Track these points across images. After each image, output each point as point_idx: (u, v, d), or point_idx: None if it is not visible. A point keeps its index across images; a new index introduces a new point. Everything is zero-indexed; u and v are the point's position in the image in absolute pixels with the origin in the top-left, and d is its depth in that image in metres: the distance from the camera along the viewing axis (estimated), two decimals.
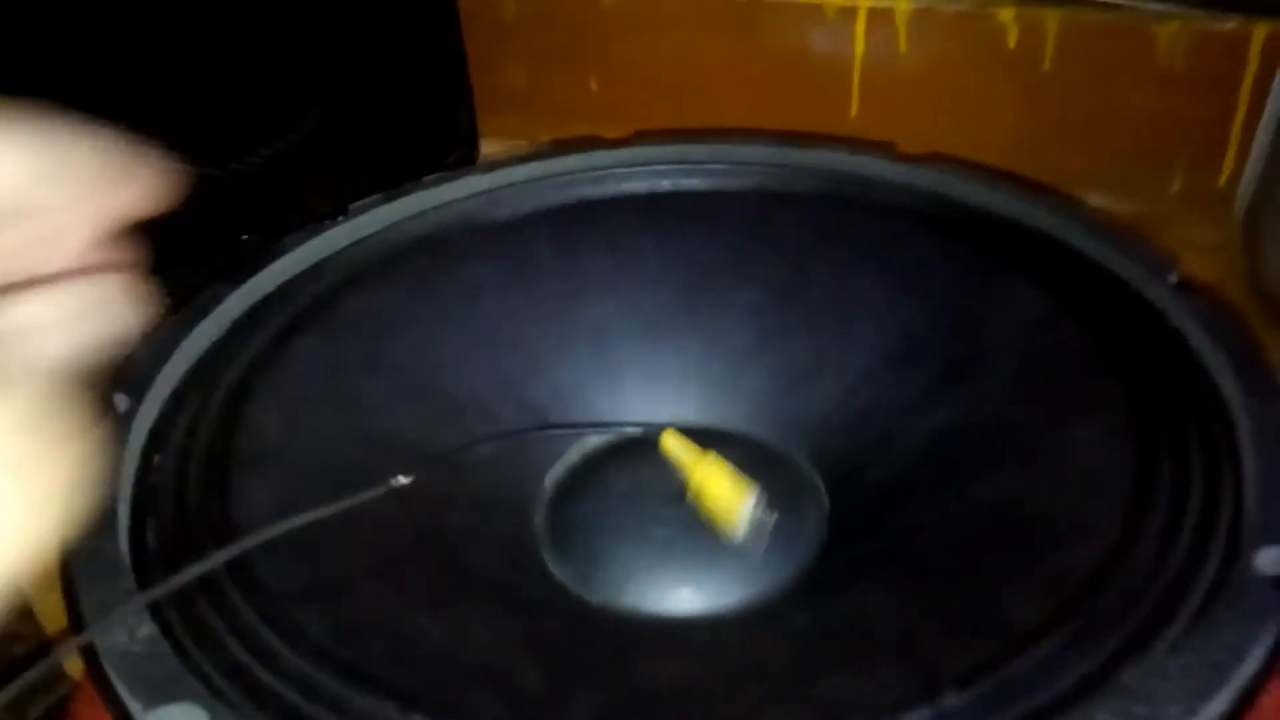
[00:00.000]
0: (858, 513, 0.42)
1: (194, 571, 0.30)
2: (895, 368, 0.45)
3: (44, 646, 0.44)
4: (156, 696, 0.27)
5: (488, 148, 0.82)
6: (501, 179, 0.55)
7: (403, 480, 0.36)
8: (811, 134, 0.58)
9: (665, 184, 0.54)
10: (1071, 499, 0.34)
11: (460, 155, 0.81)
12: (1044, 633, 0.28)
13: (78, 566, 0.31)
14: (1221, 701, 0.27)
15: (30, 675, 0.29)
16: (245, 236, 0.65)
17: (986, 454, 0.39)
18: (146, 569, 0.32)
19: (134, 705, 0.27)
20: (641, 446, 0.47)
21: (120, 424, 0.36)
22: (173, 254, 0.61)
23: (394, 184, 0.54)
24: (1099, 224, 0.46)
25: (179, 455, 0.36)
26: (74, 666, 0.46)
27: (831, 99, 0.78)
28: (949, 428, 0.41)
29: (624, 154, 0.56)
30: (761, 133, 0.56)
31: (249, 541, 0.31)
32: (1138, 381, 0.37)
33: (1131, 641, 0.28)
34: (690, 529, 0.42)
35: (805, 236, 0.51)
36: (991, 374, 0.41)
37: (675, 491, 0.44)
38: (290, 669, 0.28)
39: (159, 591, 0.30)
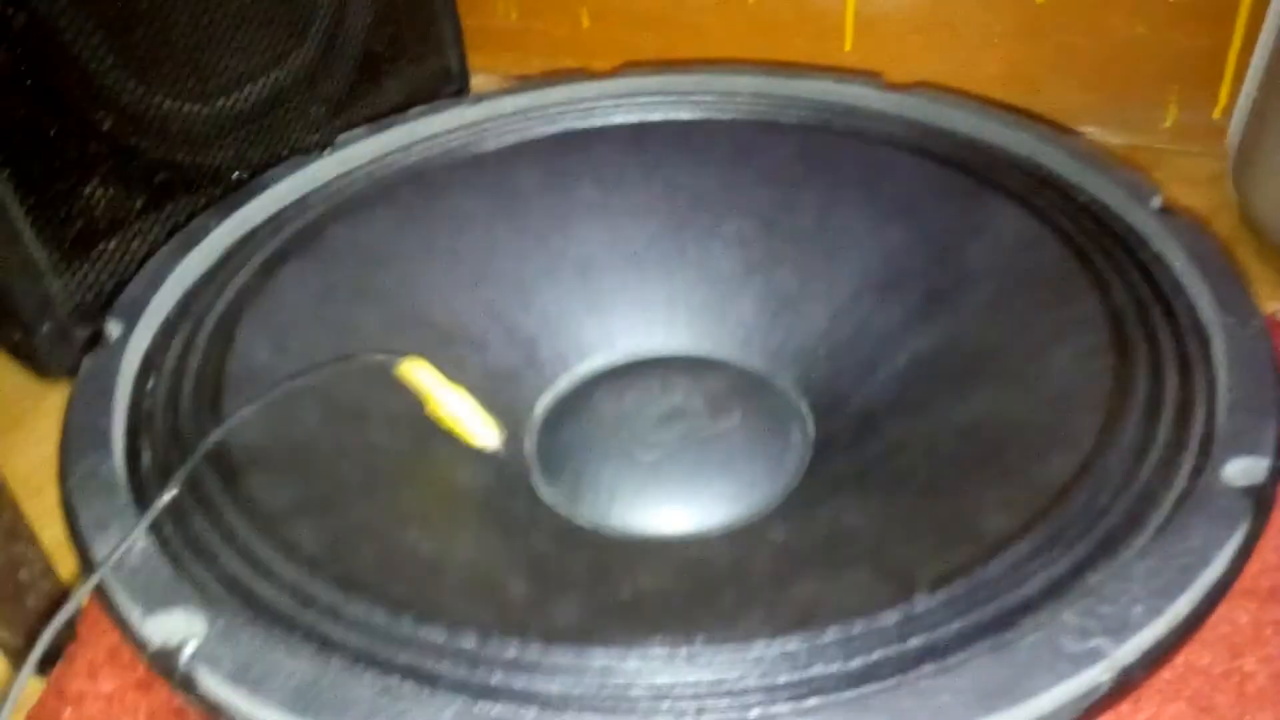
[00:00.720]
0: (841, 436, 0.42)
1: (181, 474, 0.31)
2: (879, 294, 0.45)
3: (54, 579, 0.45)
4: (155, 604, 0.28)
5: (478, 85, 0.81)
6: (488, 111, 0.54)
7: (379, 358, 0.37)
8: (799, 65, 0.58)
9: (653, 115, 0.54)
10: (1047, 416, 0.35)
11: (451, 93, 0.81)
12: (1014, 539, 0.29)
13: (75, 486, 0.32)
14: (1185, 602, 0.27)
15: (58, 622, 0.29)
16: (236, 175, 0.64)
17: (967, 376, 0.39)
18: (141, 487, 0.33)
19: (133, 612, 0.28)
20: (629, 373, 0.47)
21: (114, 350, 0.37)
22: (165, 191, 0.62)
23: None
24: (1082, 151, 0.46)
25: (172, 380, 0.37)
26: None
27: (825, 34, 0.78)
28: (931, 352, 0.42)
29: (611, 86, 0.55)
30: (748, 64, 0.56)
31: (232, 422, 0.32)
32: (1117, 302, 0.38)
33: (1101, 547, 0.29)
34: (676, 453, 0.43)
35: (792, 166, 0.51)
36: (973, 298, 0.42)
37: (662, 417, 0.44)
38: (285, 579, 0.29)
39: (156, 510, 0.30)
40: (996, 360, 0.39)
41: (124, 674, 0.43)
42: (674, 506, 0.41)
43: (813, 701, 0.25)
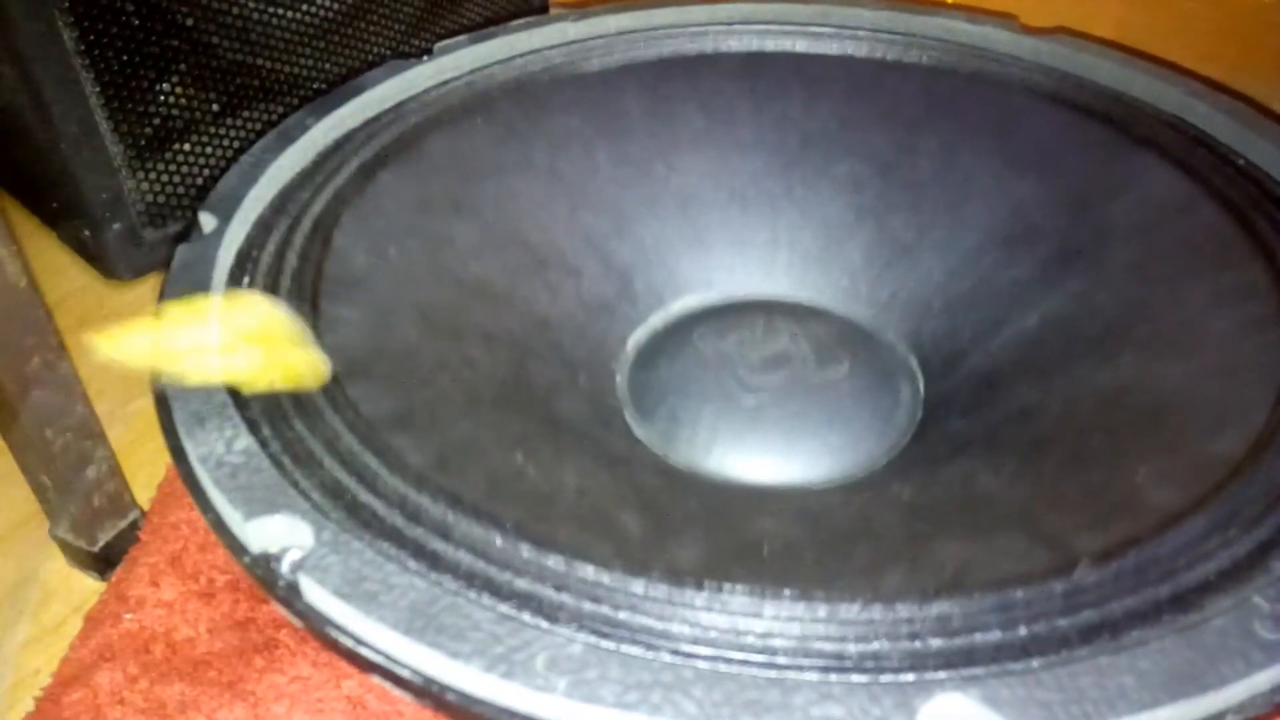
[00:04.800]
0: (958, 396, 0.40)
1: None
2: (1006, 249, 0.42)
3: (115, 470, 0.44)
4: (258, 507, 0.26)
5: (556, 10, 0.78)
6: (592, 29, 0.52)
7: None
8: (926, 1, 0.54)
9: (766, 44, 0.51)
10: (1210, 388, 0.32)
11: (531, 14, 0.78)
12: (1187, 515, 0.27)
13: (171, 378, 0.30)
14: None
15: None
16: (313, 86, 0.62)
17: (1109, 341, 0.36)
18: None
19: (232, 515, 0.26)
20: (728, 314, 0.45)
21: (209, 242, 0.35)
22: (242, 96, 0.60)
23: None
24: (1241, 111, 0.43)
25: (268, 277, 0.35)
26: (144, 497, 0.46)
27: None
28: (1066, 313, 0.39)
29: (723, 10, 0.52)
30: None
31: None
32: None
33: None
34: (780, 399, 0.40)
35: (914, 108, 0.47)
36: (1116, 259, 0.39)
37: (765, 361, 0.42)
38: (391, 492, 0.27)
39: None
40: (1144, 326, 0.36)
41: (186, 583, 0.42)
42: (778, 455, 0.39)
43: (975, 670, 0.23)
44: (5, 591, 0.44)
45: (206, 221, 0.36)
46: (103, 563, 0.44)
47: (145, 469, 0.47)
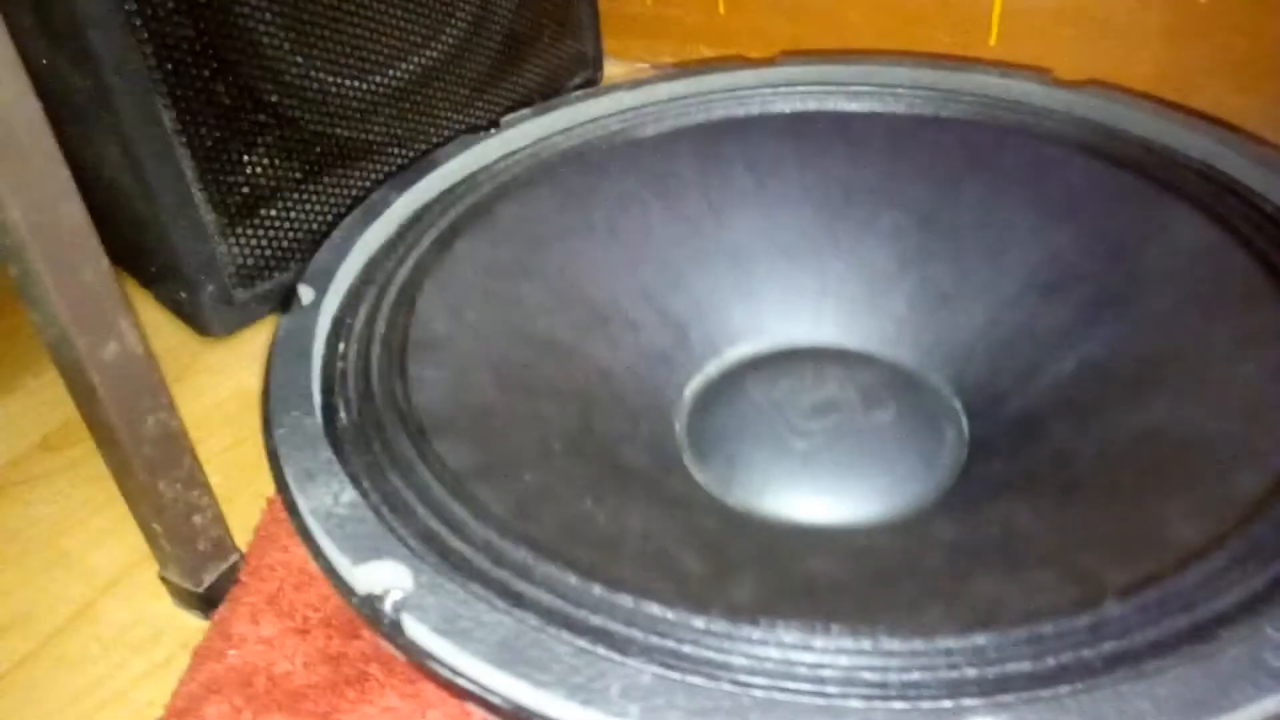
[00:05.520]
0: (1000, 438, 0.42)
1: None
2: (1044, 295, 0.45)
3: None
4: (364, 554, 0.29)
5: (610, 71, 0.82)
6: (646, 96, 0.55)
7: None
8: (960, 57, 0.57)
9: (810, 105, 0.54)
10: (1235, 428, 0.34)
11: (586, 78, 0.82)
12: (1208, 552, 0.29)
13: (282, 438, 0.34)
14: None
15: None
16: (388, 150, 0.67)
17: (1142, 383, 0.38)
18: (338, 443, 0.34)
19: (342, 561, 0.30)
20: (779, 362, 0.48)
21: (308, 312, 0.39)
22: (322, 162, 0.64)
23: (521, 104, 0.55)
24: (1268, 157, 0.45)
25: (360, 343, 0.38)
26: (241, 540, 0.50)
27: (969, 26, 0.76)
28: (1102, 357, 0.41)
29: (769, 74, 0.56)
30: (909, 55, 0.56)
31: None
32: None
33: None
34: (830, 443, 0.43)
35: (952, 161, 0.50)
36: (1149, 305, 0.41)
37: (815, 406, 0.45)
38: (477, 538, 0.30)
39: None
40: (1175, 369, 0.38)
41: (283, 620, 0.46)
42: (828, 496, 0.41)
43: (1007, 698, 0.25)
44: (119, 630, 0.47)
45: (305, 293, 0.40)
46: (206, 602, 0.48)
47: (241, 512, 0.50)
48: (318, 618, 0.45)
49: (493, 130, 0.52)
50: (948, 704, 0.25)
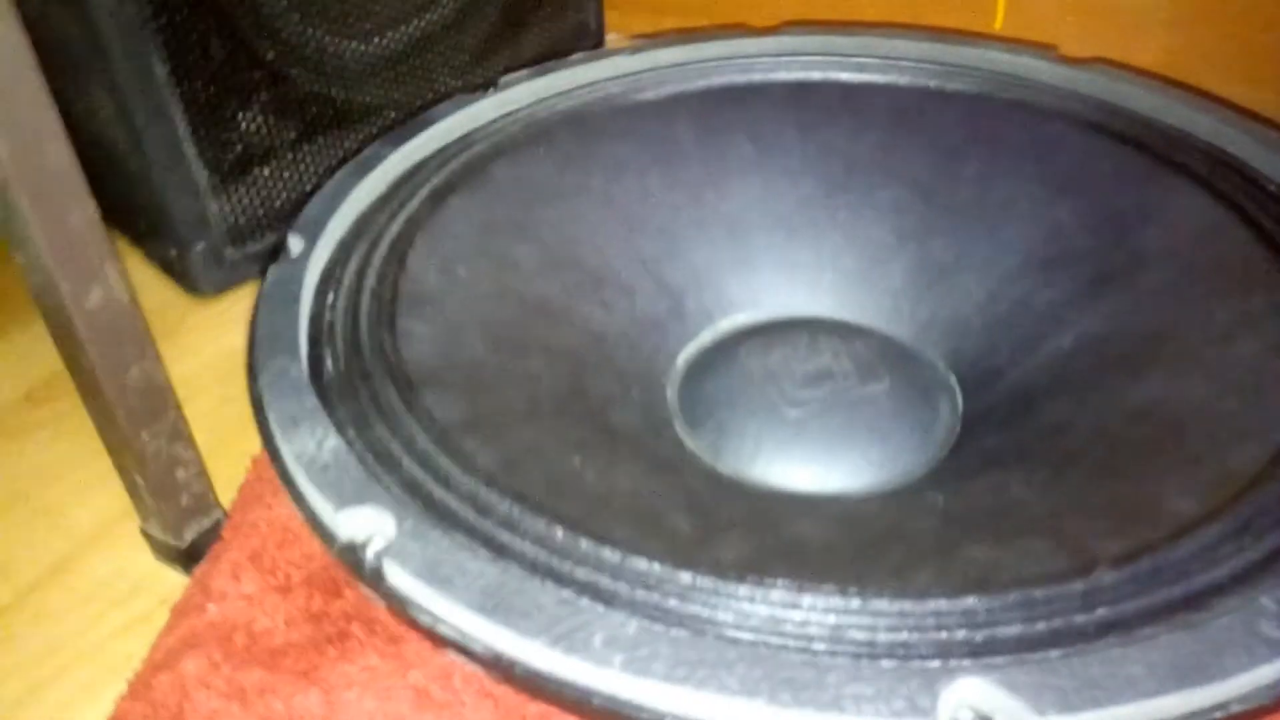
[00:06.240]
0: (996, 412, 0.42)
1: None
2: (1043, 272, 0.44)
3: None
4: (346, 500, 0.29)
5: (610, 43, 0.81)
6: (646, 62, 0.55)
7: None
8: (965, 32, 0.56)
9: (812, 75, 0.53)
10: (1233, 405, 0.34)
11: (586, 49, 0.81)
12: (1203, 524, 0.28)
13: (266, 385, 0.33)
14: None
15: None
16: (383, 113, 0.66)
17: (1141, 360, 0.38)
18: (324, 393, 0.34)
19: (324, 507, 0.29)
20: (774, 332, 0.47)
21: (297, 263, 0.38)
22: (317, 123, 0.63)
23: None
24: (1271, 137, 0.44)
25: (350, 296, 0.38)
26: (226, 498, 0.49)
27: (975, 10, 0.75)
28: (1100, 333, 0.40)
29: (771, 42, 0.55)
30: (913, 28, 0.55)
31: None
32: None
33: None
34: (823, 412, 0.43)
35: (954, 136, 0.50)
36: (1149, 282, 0.40)
37: (808, 376, 0.44)
38: (463, 489, 0.30)
39: None
40: (1174, 346, 0.38)
41: (265, 577, 0.45)
42: (819, 465, 0.41)
43: (997, 659, 0.25)
44: (99, 583, 0.47)
45: (295, 243, 0.39)
46: (188, 558, 0.47)
47: (226, 471, 0.50)
48: (300, 576, 0.44)
49: (490, 90, 0.51)
50: (935, 664, 0.25)
